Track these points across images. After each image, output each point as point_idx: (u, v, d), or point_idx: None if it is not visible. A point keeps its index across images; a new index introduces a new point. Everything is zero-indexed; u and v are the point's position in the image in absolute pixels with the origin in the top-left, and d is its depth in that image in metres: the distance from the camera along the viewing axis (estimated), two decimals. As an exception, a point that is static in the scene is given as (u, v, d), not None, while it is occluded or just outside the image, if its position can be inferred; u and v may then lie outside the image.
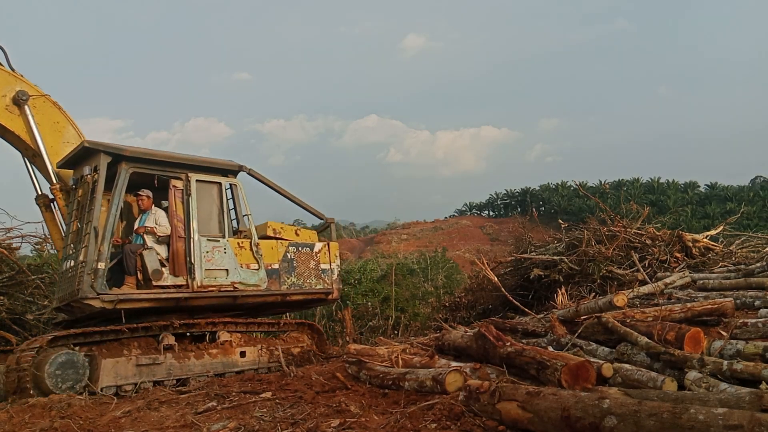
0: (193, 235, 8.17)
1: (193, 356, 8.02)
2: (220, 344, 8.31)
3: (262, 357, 8.64)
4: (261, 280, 8.69)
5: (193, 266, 8.07)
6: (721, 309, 6.47)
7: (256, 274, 8.66)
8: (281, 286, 8.98)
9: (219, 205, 8.66)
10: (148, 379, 7.43)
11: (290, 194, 9.71)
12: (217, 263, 8.30)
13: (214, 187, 8.69)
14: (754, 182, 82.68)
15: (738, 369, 4.51)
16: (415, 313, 16.71)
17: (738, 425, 2.81)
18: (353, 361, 6.50)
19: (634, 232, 11.21)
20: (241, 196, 9.02)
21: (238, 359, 8.43)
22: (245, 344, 8.63)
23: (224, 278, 8.34)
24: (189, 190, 8.32)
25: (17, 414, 5.76)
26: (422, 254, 30.48)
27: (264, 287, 8.73)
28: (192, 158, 8.68)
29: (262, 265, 8.74)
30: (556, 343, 6.35)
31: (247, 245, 8.71)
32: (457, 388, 4.83)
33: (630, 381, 4.64)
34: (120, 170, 7.92)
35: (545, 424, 3.69)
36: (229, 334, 8.48)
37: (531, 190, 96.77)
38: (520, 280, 11.91)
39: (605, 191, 43.89)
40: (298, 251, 9.33)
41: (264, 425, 4.76)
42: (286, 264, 9.10)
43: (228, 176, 8.93)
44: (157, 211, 8.30)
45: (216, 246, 8.38)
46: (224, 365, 8.23)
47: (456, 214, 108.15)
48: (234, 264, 8.45)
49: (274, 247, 9.05)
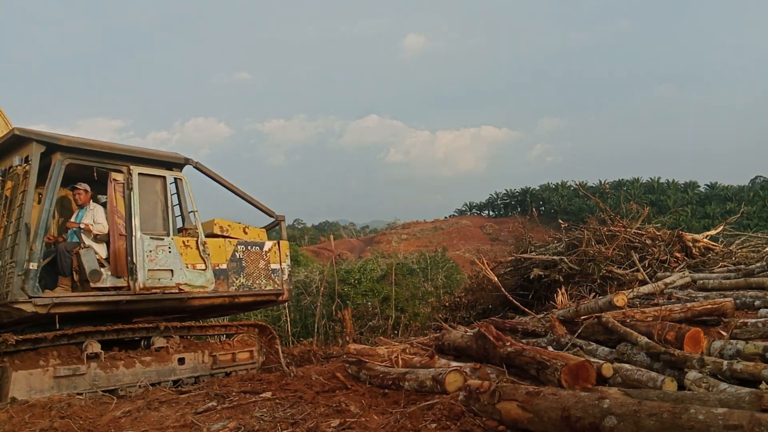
0: (135, 233, 7.60)
1: (123, 365, 7.39)
2: (155, 351, 7.71)
3: (204, 363, 8.09)
4: (208, 281, 8.17)
5: (135, 266, 7.50)
6: (721, 309, 6.47)
7: (203, 274, 8.14)
8: (229, 288, 8.47)
9: (163, 201, 8.09)
10: (68, 392, 6.77)
11: (239, 190, 9.20)
12: (161, 263, 7.76)
13: (158, 181, 8.13)
14: (754, 182, 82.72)
15: (738, 369, 4.51)
16: (415, 313, 16.71)
17: (738, 425, 2.81)
18: (353, 361, 6.50)
19: (634, 232, 11.21)
20: (186, 191, 8.51)
21: (176, 366, 7.85)
22: (184, 350, 8.05)
23: (169, 279, 7.80)
24: (130, 183, 7.73)
25: (17, 414, 5.75)
26: (422, 254, 30.45)
27: (211, 289, 8.22)
28: (134, 149, 8.07)
29: (209, 266, 8.22)
30: (556, 343, 6.35)
31: (193, 244, 8.18)
32: (457, 388, 4.83)
33: (630, 381, 4.64)
34: (54, 161, 7.26)
35: (545, 424, 3.69)
36: (166, 339, 7.90)
37: (531, 190, 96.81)
38: (520, 280, 11.91)
39: (605, 191, 43.86)
40: (247, 250, 8.84)
41: (264, 425, 4.76)
42: (234, 264, 8.60)
43: (173, 170, 8.38)
44: (96, 207, 7.78)
45: (160, 245, 7.82)
46: (159, 374, 7.64)
47: (456, 214, 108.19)
48: (179, 264, 7.92)
49: (222, 246, 8.55)
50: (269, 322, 26.04)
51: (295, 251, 50.84)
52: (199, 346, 8.32)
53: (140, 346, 7.80)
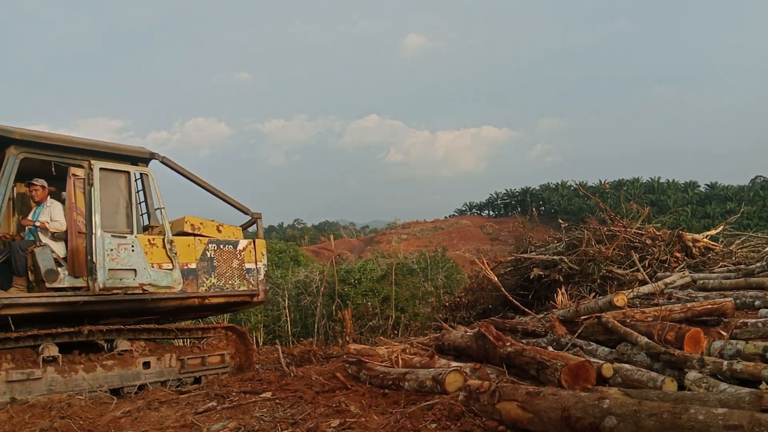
0: (95, 231, 7.25)
1: (82, 369, 7.02)
2: (117, 354, 7.37)
3: (171, 368, 7.75)
4: (175, 281, 7.81)
5: (94, 266, 7.15)
6: (721, 309, 6.47)
7: (170, 274, 7.78)
8: (199, 288, 8.08)
9: (127, 197, 7.73)
10: (22, 397, 6.47)
11: (211, 186, 8.82)
12: (123, 262, 7.41)
13: (122, 177, 7.76)
14: (754, 182, 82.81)
15: (738, 369, 4.51)
16: (415, 313, 16.72)
17: (738, 425, 2.81)
18: (353, 361, 6.50)
19: (634, 232, 11.21)
20: (153, 187, 8.12)
21: (141, 371, 7.52)
22: (150, 354, 7.72)
23: (131, 279, 7.46)
24: (91, 179, 7.39)
25: (17, 414, 5.76)
26: (422, 254, 30.47)
27: (179, 289, 7.86)
28: (95, 143, 7.71)
29: (176, 265, 7.85)
30: (556, 343, 6.35)
31: (159, 242, 7.81)
32: (457, 388, 4.83)
33: (630, 381, 4.64)
34: (8, 155, 6.95)
35: (545, 424, 3.69)
36: (130, 342, 7.54)
37: (531, 189, 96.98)
38: (520, 280, 11.91)
39: (605, 191, 43.89)
40: (219, 249, 8.45)
41: (264, 425, 4.76)
42: (205, 263, 8.22)
43: (138, 164, 8.01)
44: (53, 204, 7.42)
45: (122, 243, 7.46)
46: (122, 378, 7.30)
47: (456, 214, 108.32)
48: (143, 263, 7.57)
49: (191, 245, 8.16)
50: (269, 323, 26.11)
51: (295, 251, 50.83)
52: (166, 350, 8.00)
53: (104, 350, 7.50)
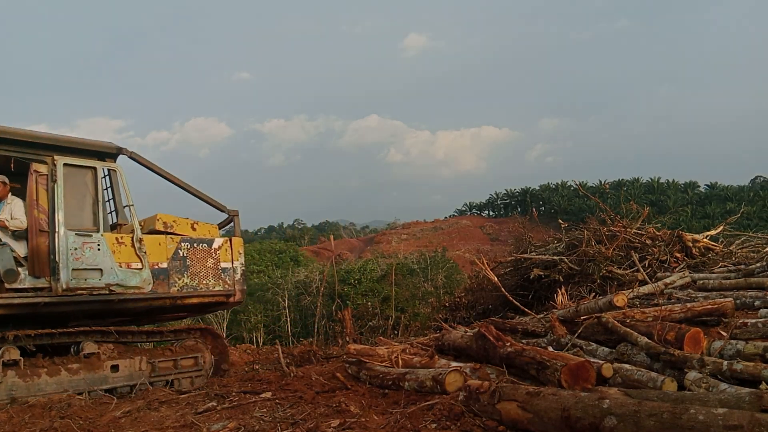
0: (59, 229, 6.99)
1: (45, 373, 6.80)
2: (84, 357, 7.12)
3: (141, 371, 7.50)
4: (144, 281, 7.52)
5: (57, 266, 6.89)
6: (721, 309, 6.46)
7: (138, 274, 7.49)
8: (170, 288, 7.79)
9: (93, 194, 7.47)
10: None
11: (184, 183, 8.52)
12: (88, 262, 7.13)
13: (88, 173, 7.51)
14: (754, 182, 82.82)
15: (738, 369, 4.51)
16: (415, 313, 16.74)
17: (738, 425, 2.81)
18: (353, 361, 6.50)
19: (634, 232, 11.19)
20: (121, 183, 7.86)
21: (109, 374, 7.27)
22: (119, 357, 7.45)
23: (97, 280, 7.18)
24: (54, 175, 7.13)
25: (17, 414, 5.76)
26: (422, 254, 30.50)
27: (148, 290, 7.57)
28: (58, 138, 7.45)
29: (146, 264, 7.56)
30: (556, 343, 6.35)
31: (128, 241, 7.53)
32: (457, 388, 4.83)
33: (630, 381, 4.63)
34: None
35: (545, 424, 3.69)
36: (97, 345, 7.29)
37: (531, 190, 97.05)
38: (520, 280, 11.90)
39: (605, 191, 43.92)
40: (192, 248, 8.15)
41: (264, 425, 4.76)
42: (177, 262, 7.93)
43: (105, 160, 7.75)
44: (14, 201, 7.18)
45: (87, 242, 7.17)
46: (88, 382, 7.04)
47: (456, 214, 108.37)
48: (110, 263, 7.29)
49: (163, 243, 7.87)
50: (269, 323, 26.11)
51: (295, 251, 50.87)
52: (136, 352, 7.74)
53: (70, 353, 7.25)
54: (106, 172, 7.89)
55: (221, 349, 8.53)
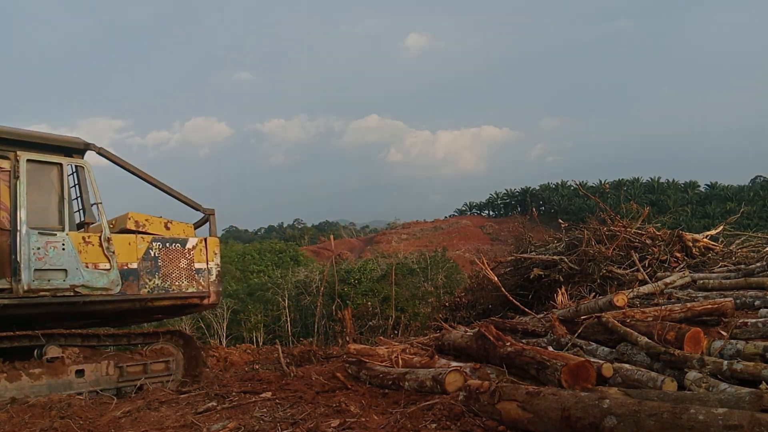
0: (21, 228, 6.72)
1: (5, 378, 6.57)
2: (47, 362, 6.88)
3: (108, 376, 7.23)
4: (112, 282, 7.23)
5: (18, 266, 6.63)
6: (721, 309, 6.46)
7: (106, 275, 7.20)
8: (140, 290, 7.51)
9: (59, 191, 7.19)
10: None
11: (156, 180, 8.24)
12: (52, 262, 6.86)
13: (53, 170, 7.22)
14: (754, 182, 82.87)
15: (738, 369, 4.51)
16: (415, 313, 16.75)
17: (738, 425, 2.81)
18: (353, 361, 6.50)
19: (634, 231, 11.20)
20: (89, 180, 7.57)
21: (74, 379, 7.03)
22: (84, 361, 7.18)
23: (61, 281, 6.90)
24: (17, 172, 6.87)
25: (17, 414, 5.76)
26: (422, 254, 30.50)
27: (116, 291, 7.28)
28: (22, 132, 7.16)
29: (114, 265, 7.28)
30: (556, 343, 6.35)
31: (95, 240, 7.22)
32: (457, 388, 4.83)
33: (630, 381, 4.63)
34: None
35: (545, 424, 3.69)
36: (61, 349, 7.03)
37: (531, 189, 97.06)
38: (520, 280, 11.90)
39: (605, 191, 43.96)
40: (164, 248, 7.85)
41: (264, 425, 4.76)
42: (148, 263, 7.65)
43: (73, 156, 7.47)
44: None
45: (51, 241, 6.89)
46: (51, 387, 6.77)
47: (456, 214, 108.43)
48: (75, 263, 7.01)
49: (133, 243, 7.57)
50: (269, 323, 26.10)
51: (295, 251, 50.87)
52: (103, 357, 7.43)
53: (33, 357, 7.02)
54: (73, 169, 7.55)
55: (194, 353, 8.22)
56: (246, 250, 49.66)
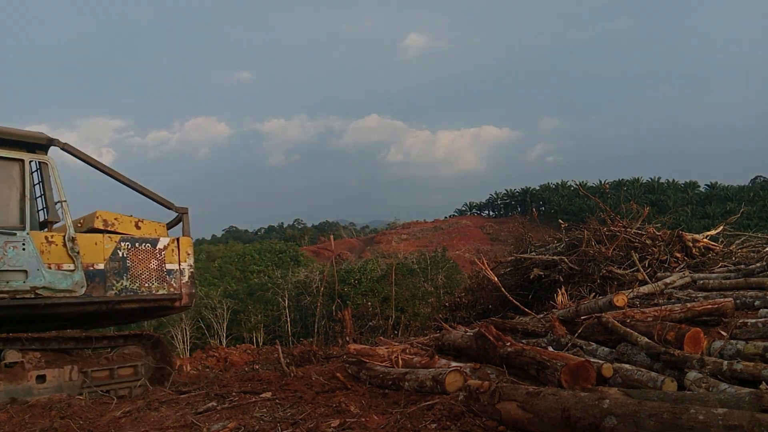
0: None
1: None
2: (5, 367, 6.59)
3: (72, 381, 6.95)
4: (77, 284, 6.93)
5: None
6: (721, 309, 6.46)
7: (70, 276, 6.89)
8: (107, 292, 7.19)
9: (20, 189, 6.91)
10: None
11: (125, 177, 7.91)
12: (11, 263, 6.57)
13: (14, 166, 6.93)
14: (754, 182, 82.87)
15: (738, 369, 4.51)
16: (415, 313, 16.76)
17: (738, 425, 2.81)
18: (353, 361, 6.50)
19: (634, 232, 11.20)
20: (53, 177, 7.24)
21: (34, 385, 6.74)
22: (46, 366, 6.89)
23: (21, 282, 6.60)
24: None
25: (17, 414, 5.76)
26: (422, 254, 30.51)
27: (81, 293, 6.98)
28: None
29: (79, 266, 6.97)
30: (556, 343, 6.35)
31: (59, 240, 6.93)
32: (457, 388, 4.83)
33: (630, 381, 4.64)
34: None
35: (545, 424, 3.69)
36: (21, 353, 6.72)
37: (531, 190, 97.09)
38: (520, 280, 11.90)
39: (605, 191, 43.89)
40: (133, 248, 7.53)
41: (264, 425, 4.76)
42: (115, 264, 7.32)
43: (35, 152, 7.17)
44: None
45: (10, 241, 6.61)
46: (9, 394, 6.52)
47: (456, 214, 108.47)
48: (37, 264, 6.73)
49: (100, 243, 7.25)
50: (269, 323, 26.07)
51: (295, 251, 50.83)
52: (66, 361, 7.13)
53: None
54: (36, 166, 7.24)
55: (164, 356, 7.91)
56: (246, 251, 49.69)
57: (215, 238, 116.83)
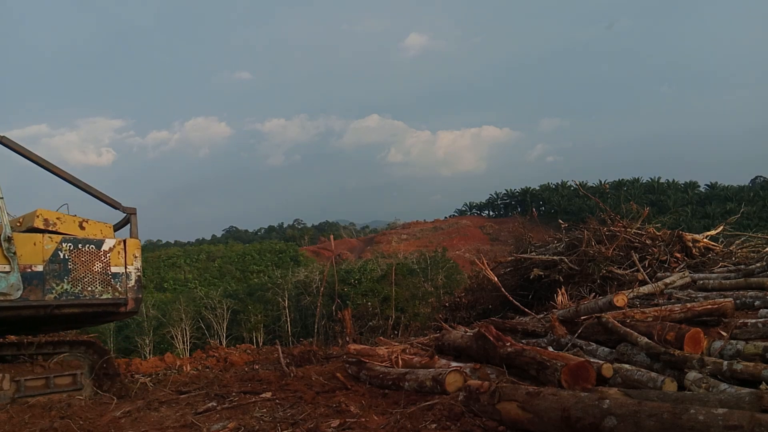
0: None
1: None
2: None
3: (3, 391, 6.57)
4: (12, 286, 6.53)
5: None
6: (721, 309, 6.47)
7: (4, 278, 6.51)
8: (46, 296, 6.76)
9: None
10: None
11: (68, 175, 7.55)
12: None
13: None
14: (754, 182, 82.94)
15: (738, 369, 4.51)
16: (415, 313, 16.77)
17: (738, 426, 2.81)
18: (353, 361, 6.50)
19: (634, 232, 11.21)
20: None
21: None
22: None
23: None
24: None
25: (17, 414, 5.76)
26: (422, 254, 30.53)
27: (17, 296, 6.56)
28: None
29: (15, 267, 6.59)
30: (556, 343, 6.35)
31: None
32: (457, 389, 4.83)
33: (630, 381, 4.64)
34: None
35: (545, 424, 3.69)
36: None
37: (531, 190, 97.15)
38: (520, 280, 11.91)
39: (605, 191, 43.98)
40: (76, 249, 7.09)
41: (264, 425, 4.76)
42: (56, 266, 6.89)
43: None
44: None
45: None
46: None
47: (456, 214, 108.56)
48: None
49: (39, 243, 6.83)
50: (269, 323, 26.03)
51: (295, 251, 50.81)
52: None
53: None
54: None
55: (106, 364, 7.50)
56: (246, 251, 49.72)
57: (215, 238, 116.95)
